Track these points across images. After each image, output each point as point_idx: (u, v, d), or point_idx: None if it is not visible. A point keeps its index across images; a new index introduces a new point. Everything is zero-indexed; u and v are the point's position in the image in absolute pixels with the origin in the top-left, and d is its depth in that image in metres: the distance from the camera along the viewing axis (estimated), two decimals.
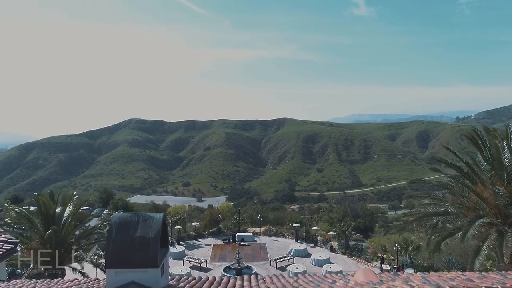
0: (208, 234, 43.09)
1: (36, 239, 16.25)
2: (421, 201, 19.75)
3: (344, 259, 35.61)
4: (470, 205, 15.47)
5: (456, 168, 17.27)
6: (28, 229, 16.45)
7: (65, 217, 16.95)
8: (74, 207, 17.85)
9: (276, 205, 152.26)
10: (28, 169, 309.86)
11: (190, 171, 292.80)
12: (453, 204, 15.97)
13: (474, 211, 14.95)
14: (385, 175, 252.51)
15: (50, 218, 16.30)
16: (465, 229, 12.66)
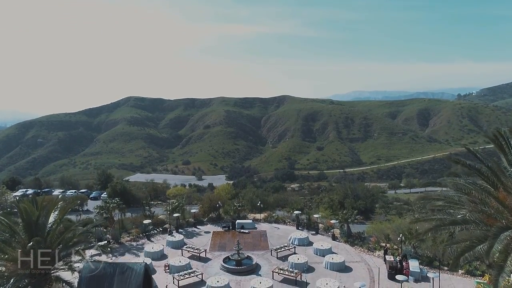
0: (208, 221, 42.35)
1: (19, 248, 15.26)
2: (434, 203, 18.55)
3: (346, 248, 34.90)
4: (491, 212, 14.33)
5: (475, 170, 15.99)
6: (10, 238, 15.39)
7: (50, 224, 15.88)
8: (60, 213, 16.73)
9: (276, 184, 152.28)
10: (28, 147, 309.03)
11: (190, 149, 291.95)
12: (472, 211, 14.83)
13: (495, 219, 13.85)
14: (385, 154, 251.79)
15: (33, 225, 15.23)
16: (489, 243, 11.59)
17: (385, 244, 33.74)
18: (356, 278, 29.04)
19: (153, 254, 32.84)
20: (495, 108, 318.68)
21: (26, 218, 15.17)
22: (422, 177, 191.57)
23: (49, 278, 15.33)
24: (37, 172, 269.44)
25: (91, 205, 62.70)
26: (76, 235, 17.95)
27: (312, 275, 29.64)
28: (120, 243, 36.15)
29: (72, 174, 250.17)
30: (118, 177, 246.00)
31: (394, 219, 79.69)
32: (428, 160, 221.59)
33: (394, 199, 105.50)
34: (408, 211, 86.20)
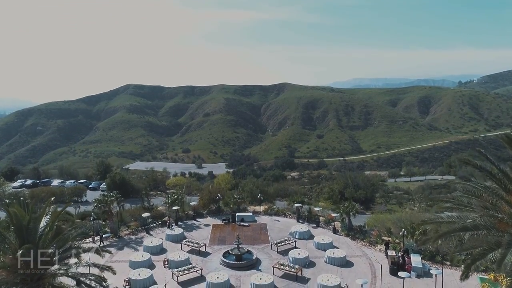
0: (207, 213, 41.93)
1: (9, 254, 14.71)
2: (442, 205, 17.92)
3: (347, 242, 34.52)
4: (503, 217, 13.74)
5: (487, 173, 15.32)
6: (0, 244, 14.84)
7: (42, 228, 15.34)
8: (52, 216, 16.16)
9: (276, 173, 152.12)
10: (27, 135, 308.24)
11: (189, 137, 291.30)
12: (483, 215, 14.24)
13: (507, 224, 13.27)
14: (385, 142, 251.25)
15: (24, 230, 14.69)
16: (502, 253, 11.02)
17: (388, 239, 33.24)
18: (358, 274, 28.70)
19: (152, 248, 32.47)
20: (496, 95, 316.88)
21: (16, 223, 14.63)
22: (422, 165, 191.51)
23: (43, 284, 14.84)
24: (37, 160, 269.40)
25: (90, 196, 62.35)
26: (70, 238, 17.39)
27: (313, 270, 29.31)
28: (119, 236, 35.77)
29: (72, 162, 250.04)
30: (118, 165, 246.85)
31: (395, 209, 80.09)
32: (428, 148, 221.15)
33: (394, 188, 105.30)
34: (408, 200, 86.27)
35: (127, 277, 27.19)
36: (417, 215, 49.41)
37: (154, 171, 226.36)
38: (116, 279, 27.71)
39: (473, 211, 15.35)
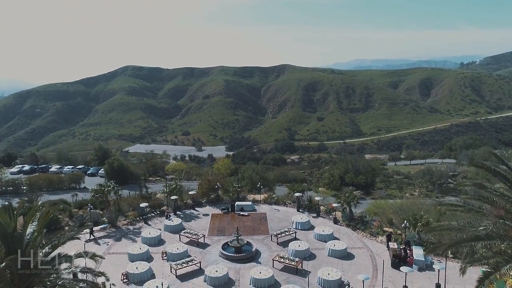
0: (206, 202, 41.40)
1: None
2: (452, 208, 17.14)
3: (348, 232, 34.05)
4: None
5: (501, 177, 14.49)
6: None
7: (28, 235, 14.64)
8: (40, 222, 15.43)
9: (276, 156, 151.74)
10: (26, 117, 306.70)
11: (189, 120, 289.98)
12: (496, 223, 13.50)
13: None
14: (385, 124, 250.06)
15: (9, 238, 14.01)
16: None
17: (390, 231, 32.66)
18: (359, 266, 28.32)
19: (150, 239, 32.03)
20: (499, 77, 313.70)
21: (1, 231, 13.97)
22: (423, 148, 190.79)
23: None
24: (36, 142, 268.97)
25: (88, 182, 61.81)
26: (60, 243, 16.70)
27: (313, 263, 28.91)
28: (117, 227, 35.30)
29: (72, 145, 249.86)
30: (118, 147, 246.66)
31: (395, 194, 79.87)
32: (428, 131, 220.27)
33: (395, 172, 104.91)
34: (408, 185, 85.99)
35: (124, 271, 26.77)
36: (419, 203, 49.17)
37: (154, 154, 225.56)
38: (114, 272, 27.38)
39: (484, 215, 14.62)
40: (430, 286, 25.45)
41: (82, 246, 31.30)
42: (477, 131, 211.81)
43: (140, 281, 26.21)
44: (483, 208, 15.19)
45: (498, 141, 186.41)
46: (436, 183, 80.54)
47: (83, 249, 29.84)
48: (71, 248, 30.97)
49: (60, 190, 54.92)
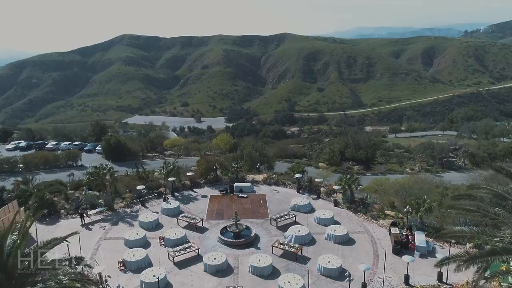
0: (205, 183, 40.65)
1: None
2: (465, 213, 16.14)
3: (349, 215, 33.46)
4: None
5: None
6: None
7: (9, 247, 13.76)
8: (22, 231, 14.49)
9: (275, 128, 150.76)
10: (23, 88, 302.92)
11: (188, 90, 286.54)
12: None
13: None
14: (386, 95, 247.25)
15: None
16: None
17: (392, 216, 31.96)
18: (359, 253, 27.87)
19: (148, 224, 31.45)
20: (503, 46, 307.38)
21: None
22: (424, 120, 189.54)
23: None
24: (34, 114, 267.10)
25: (85, 159, 61.04)
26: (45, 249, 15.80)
27: (313, 249, 28.45)
28: (114, 209, 34.65)
29: (70, 116, 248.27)
30: (116, 119, 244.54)
31: (395, 168, 79.37)
32: (430, 102, 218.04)
33: (395, 145, 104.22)
34: (408, 159, 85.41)
35: (121, 258, 26.29)
36: (420, 182, 48.60)
37: (153, 126, 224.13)
38: (111, 260, 26.97)
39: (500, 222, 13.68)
40: (432, 274, 25.04)
41: None
42: (479, 102, 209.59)
43: (138, 268, 25.77)
44: (499, 215, 14.24)
45: (500, 112, 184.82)
46: (436, 158, 79.92)
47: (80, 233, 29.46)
48: (66, 234, 30.73)
49: (57, 168, 54.19)
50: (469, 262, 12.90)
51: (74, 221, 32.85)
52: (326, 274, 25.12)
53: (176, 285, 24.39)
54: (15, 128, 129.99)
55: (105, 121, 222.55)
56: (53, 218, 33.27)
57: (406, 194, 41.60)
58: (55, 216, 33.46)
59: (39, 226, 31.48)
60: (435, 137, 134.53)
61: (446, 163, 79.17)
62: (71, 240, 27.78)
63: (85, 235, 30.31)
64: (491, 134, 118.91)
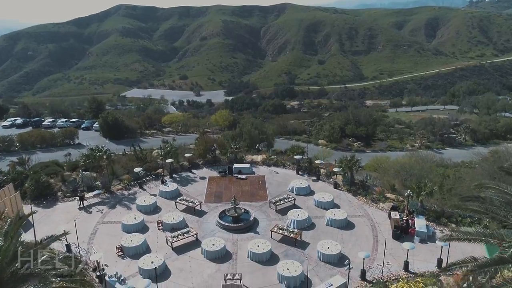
0: (203, 164, 40.12)
1: None
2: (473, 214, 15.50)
3: (348, 198, 33.12)
4: None
5: None
6: None
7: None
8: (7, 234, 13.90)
9: (275, 102, 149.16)
10: (19, 60, 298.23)
11: (186, 63, 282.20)
12: None
13: None
14: (388, 68, 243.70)
15: None
16: None
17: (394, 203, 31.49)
18: (359, 237, 27.69)
19: (146, 207, 31.10)
20: (508, 17, 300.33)
21: None
22: (425, 93, 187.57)
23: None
24: (31, 87, 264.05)
25: (82, 136, 60.26)
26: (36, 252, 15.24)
27: (313, 233, 28.25)
28: (111, 192, 34.28)
29: (68, 89, 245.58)
30: (115, 92, 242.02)
31: (395, 144, 78.87)
32: (432, 75, 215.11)
33: (396, 120, 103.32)
34: (409, 135, 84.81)
35: (119, 244, 26.09)
36: (421, 161, 48.11)
37: (152, 99, 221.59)
38: (108, 245, 26.80)
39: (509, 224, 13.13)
40: (432, 260, 24.91)
41: (75, 215, 30.68)
42: (482, 75, 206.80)
43: (136, 254, 25.63)
44: (509, 218, 13.69)
45: (502, 86, 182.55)
46: (437, 134, 79.30)
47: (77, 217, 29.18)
48: (63, 217, 30.54)
49: (53, 147, 53.52)
50: (477, 272, 12.41)
51: (71, 204, 32.55)
52: (325, 260, 24.98)
53: (174, 271, 24.27)
54: (12, 102, 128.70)
55: (103, 95, 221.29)
56: (49, 201, 32.91)
57: (407, 175, 41.29)
58: (51, 199, 33.09)
59: (36, 209, 31.26)
60: (436, 111, 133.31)
61: (446, 139, 78.62)
62: (68, 225, 27.96)
63: (83, 219, 30.12)
64: (492, 109, 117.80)
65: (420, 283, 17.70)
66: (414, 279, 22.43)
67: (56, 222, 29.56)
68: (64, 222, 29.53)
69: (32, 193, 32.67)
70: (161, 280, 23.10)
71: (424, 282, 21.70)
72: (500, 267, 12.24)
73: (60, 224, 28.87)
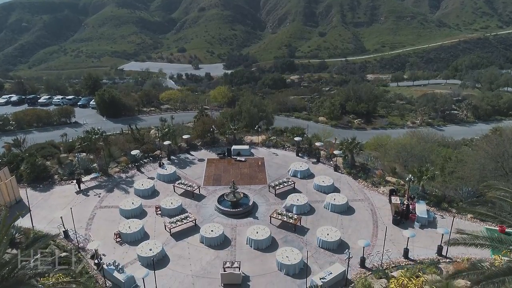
0: (202, 145, 39.49)
1: None
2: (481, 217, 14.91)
3: (349, 181, 32.70)
4: None
5: None
6: None
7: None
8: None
9: (275, 76, 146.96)
10: (13, 32, 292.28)
11: (184, 35, 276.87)
12: None
13: None
14: (390, 40, 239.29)
15: None
16: None
17: (393, 187, 31.11)
18: (359, 222, 27.47)
19: (143, 191, 30.70)
20: None
21: None
22: (427, 67, 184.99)
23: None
24: (27, 60, 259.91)
25: (79, 114, 59.45)
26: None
27: (312, 218, 28.01)
28: (108, 175, 33.81)
29: (64, 62, 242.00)
30: (112, 65, 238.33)
31: (396, 121, 78.23)
32: (434, 48, 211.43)
33: (397, 96, 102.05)
34: (410, 111, 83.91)
35: (117, 230, 25.86)
36: (423, 142, 47.58)
37: (150, 72, 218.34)
38: (106, 231, 26.60)
39: None
40: (432, 246, 24.75)
41: (72, 200, 30.39)
42: (486, 48, 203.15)
43: (134, 240, 25.45)
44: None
45: (506, 59, 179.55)
46: (439, 110, 78.41)
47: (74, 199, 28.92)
48: (61, 201, 30.21)
49: (50, 125, 52.81)
50: (484, 283, 12.01)
51: (68, 187, 32.13)
52: (324, 247, 24.82)
53: (173, 258, 24.13)
54: (7, 77, 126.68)
55: (100, 68, 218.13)
56: (46, 184, 32.49)
57: (408, 155, 40.86)
58: (48, 182, 32.66)
59: (33, 193, 30.97)
60: (438, 86, 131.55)
61: (448, 116, 77.84)
62: (66, 210, 27.66)
63: (80, 204, 29.83)
64: (495, 83, 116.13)
65: (421, 278, 17.44)
66: (414, 267, 22.30)
67: (53, 207, 29.30)
68: (62, 206, 29.24)
69: (28, 177, 32.17)
70: (160, 267, 22.99)
71: (424, 269, 21.61)
72: (509, 278, 11.82)
73: (58, 209, 28.64)
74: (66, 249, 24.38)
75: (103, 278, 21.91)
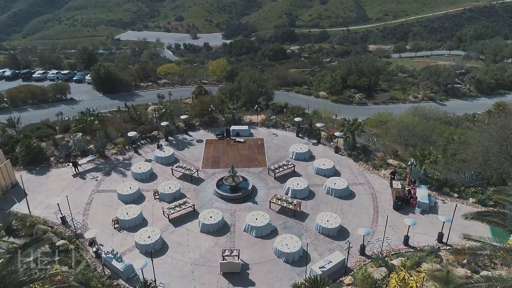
0: (200, 125, 38.68)
1: None
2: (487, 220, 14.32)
3: (349, 164, 32.19)
4: None
5: None
6: None
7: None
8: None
9: (275, 47, 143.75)
10: (5, 0, 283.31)
11: (182, 2, 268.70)
12: None
13: None
14: (393, 8, 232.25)
15: None
16: None
17: (394, 168, 30.63)
18: (359, 207, 27.19)
19: (141, 175, 30.24)
20: None
21: None
22: (430, 37, 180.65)
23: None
24: (21, 29, 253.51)
25: (75, 90, 58.27)
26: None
27: (312, 203, 27.71)
28: (105, 157, 33.22)
29: (59, 32, 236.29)
30: (108, 35, 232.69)
31: (398, 95, 77.10)
32: (438, 17, 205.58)
33: (399, 68, 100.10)
34: (412, 85, 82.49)
35: (115, 217, 25.56)
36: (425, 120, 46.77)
37: (147, 42, 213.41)
38: (104, 216, 26.36)
39: None
40: (432, 233, 24.57)
41: (69, 183, 29.97)
42: (491, 17, 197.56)
43: (132, 226, 25.23)
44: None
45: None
46: (441, 84, 77.03)
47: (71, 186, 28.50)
48: (57, 185, 29.79)
49: (45, 103, 51.73)
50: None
51: (65, 170, 31.65)
52: (324, 233, 24.64)
53: (172, 245, 24.00)
54: (1, 47, 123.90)
55: (96, 37, 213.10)
56: (42, 167, 31.96)
57: (409, 135, 40.17)
58: (44, 165, 32.12)
59: (29, 177, 30.56)
60: (441, 57, 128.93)
61: (450, 90, 76.57)
62: (63, 194, 27.31)
63: (77, 188, 29.44)
64: (500, 55, 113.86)
65: (423, 273, 17.23)
66: (415, 255, 22.18)
67: (50, 191, 28.93)
68: (58, 190, 28.91)
69: (24, 159, 31.59)
70: (159, 255, 22.87)
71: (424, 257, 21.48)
72: None
73: (54, 193, 28.30)
74: (64, 236, 24.20)
75: (101, 266, 21.83)
